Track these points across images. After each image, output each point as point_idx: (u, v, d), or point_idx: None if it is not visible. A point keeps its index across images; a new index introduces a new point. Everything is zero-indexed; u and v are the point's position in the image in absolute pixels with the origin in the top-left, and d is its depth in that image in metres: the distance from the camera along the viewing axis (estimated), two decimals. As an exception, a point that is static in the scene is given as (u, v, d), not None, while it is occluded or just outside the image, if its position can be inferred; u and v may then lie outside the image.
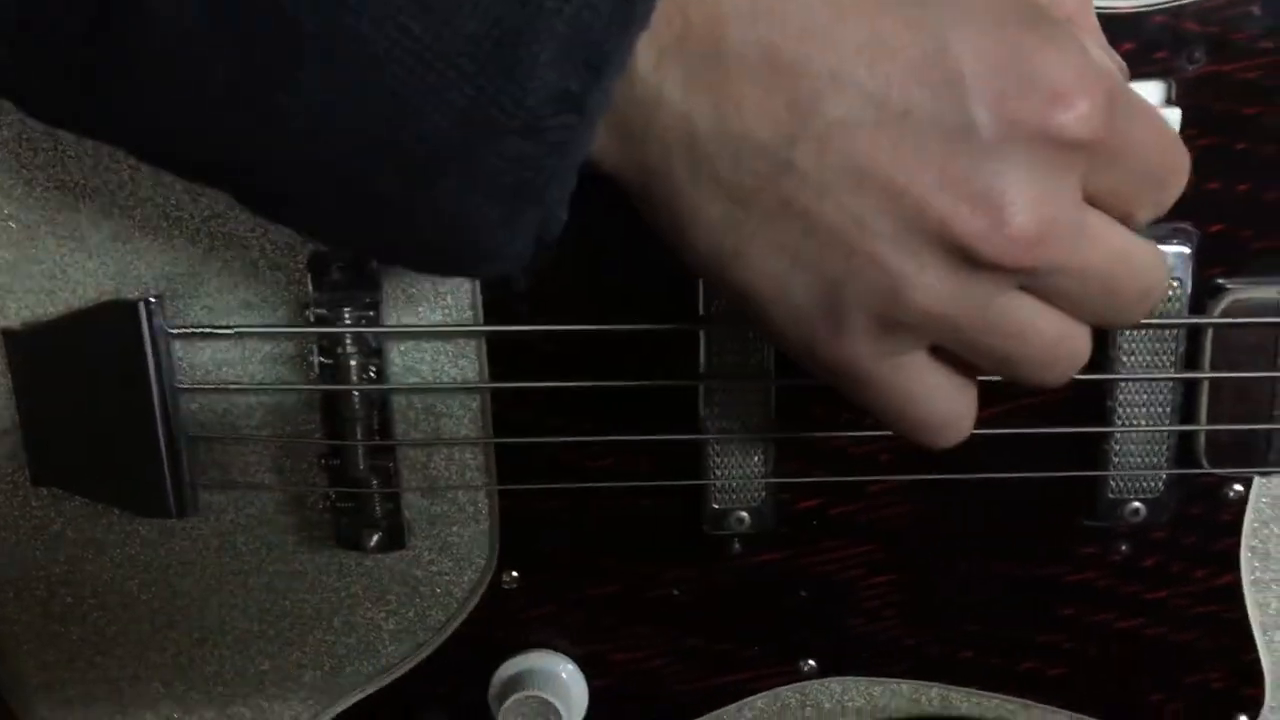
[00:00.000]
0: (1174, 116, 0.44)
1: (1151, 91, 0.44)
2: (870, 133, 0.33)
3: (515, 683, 0.50)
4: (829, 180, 0.33)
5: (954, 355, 0.36)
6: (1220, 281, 0.46)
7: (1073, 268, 0.35)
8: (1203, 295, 0.46)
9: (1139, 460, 0.47)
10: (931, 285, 0.34)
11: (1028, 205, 0.33)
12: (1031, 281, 0.35)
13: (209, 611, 0.52)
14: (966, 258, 0.33)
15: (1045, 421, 0.47)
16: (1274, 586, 0.50)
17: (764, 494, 0.48)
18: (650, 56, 0.33)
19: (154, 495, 0.48)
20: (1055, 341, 0.36)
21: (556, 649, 0.52)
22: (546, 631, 0.52)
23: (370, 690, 0.52)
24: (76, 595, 0.52)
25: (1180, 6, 0.44)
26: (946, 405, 0.37)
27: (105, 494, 0.49)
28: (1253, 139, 0.45)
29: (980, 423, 0.43)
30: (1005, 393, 0.46)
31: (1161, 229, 0.45)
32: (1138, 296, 0.36)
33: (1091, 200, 0.35)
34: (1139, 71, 0.44)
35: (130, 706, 0.53)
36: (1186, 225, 0.46)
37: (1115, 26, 0.43)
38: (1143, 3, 0.44)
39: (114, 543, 0.51)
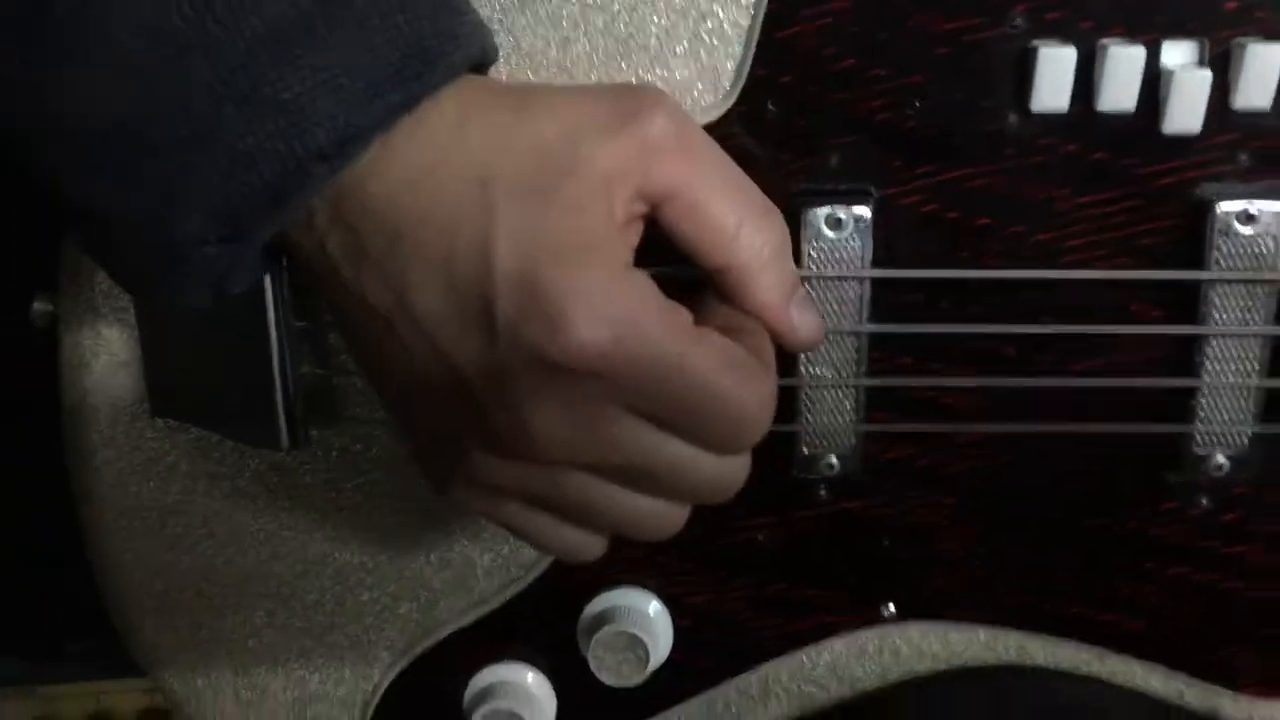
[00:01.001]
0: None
1: (1270, 46, 0.44)
2: (428, 331, 0.39)
3: (604, 618, 0.52)
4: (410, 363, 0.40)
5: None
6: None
7: (608, 468, 0.41)
8: (1297, 252, 0.47)
9: (1225, 415, 0.48)
10: (485, 466, 0.41)
11: (543, 418, 0.39)
12: (588, 468, 0.41)
13: (313, 545, 0.54)
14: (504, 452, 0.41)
15: (1134, 375, 0.49)
16: (1355, 545, 0.51)
17: (854, 441, 0.50)
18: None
19: (267, 428, 0.50)
20: (634, 514, 0.42)
21: (645, 587, 0.54)
22: (634, 569, 0.53)
23: (464, 623, 0.55)
24: (187, 525, 0.54)
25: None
26: (560, 540, 0.44)
27: (221, 426, 0.51)
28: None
29: (1066, 375, 0.46)
30: (1095, 347, 0.48)
31: (1258, 184, 0.46)
32: (693, 495, 0.43)
33: (650, 418, 0.40)
34: (1244, 30, 0.44)
35: (234, 634, 0.56)
36: (1280, 182, 0.47)
37: None
38: (1244, -38, 0.45)
39: (225, 474, 0.53)
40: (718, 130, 0.47)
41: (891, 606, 0.53)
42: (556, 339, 0.38)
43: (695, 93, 0.48)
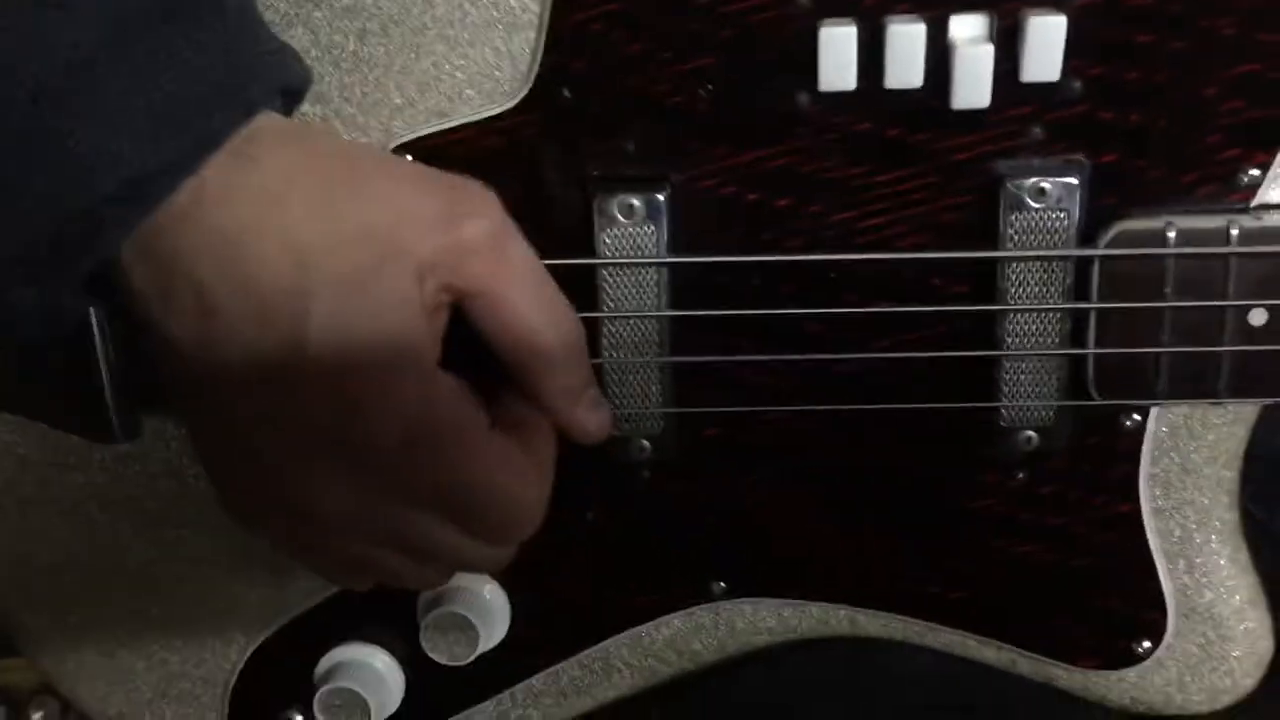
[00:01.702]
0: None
1: (1052, 18, 0.44)
2: (227, 396, 0.40)
3: (438, 600, 0.53)
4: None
5: None
6: (1109, 212, 0.45)
7: (391, 543, 0.43)
8: (1094, 225, 0.46)
9: (1029, 390, 0.48)
10: (280, 524, 0.44)
11: (332, 499, 0.41)
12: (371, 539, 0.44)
13: (164, 530, 0.55)
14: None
15: (937, 350, 0.48)
16: (1176, 515, 0.51)
17: (662, 423, 0.50)
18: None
19: (98, 421, 0.51)
20: (415, 576, 0.46)
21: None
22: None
23: (313, 603, 0.56)
24: (44, 516, 0.55)
25: (1068, -67, 0.44)
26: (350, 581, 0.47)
27: (54, 419, 0.53)
28: (1145, 67, 0.45)
29: (871, 349, 0.46)
30: (898, 323, 0.47)
31: (1054, 160, 0.45)
32: (463, 568, 0.47)
33: (430, 506, 0.43)
34: (1029, 1, 0.44)
35: (98, 619, 0.57)
36: (1079, 156, 0.46)
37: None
38: (1030, -67, 0.44)
39: (75, 465, 0.54)
40: (515, 116, 0.48)
41: (722, 583, 0.54)
42: (352, 433, 0.40)
43: (495, 78, 0.48)
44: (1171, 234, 0.44)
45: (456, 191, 0.42)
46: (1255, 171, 0.45)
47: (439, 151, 0.48)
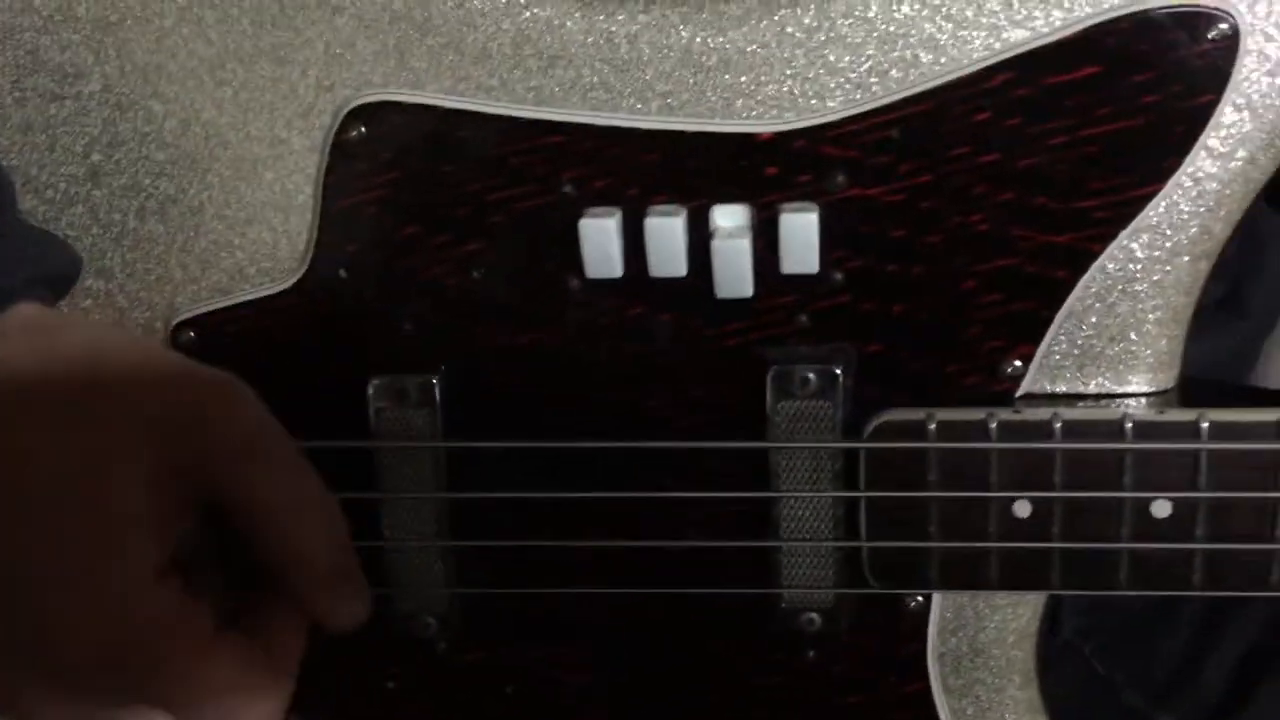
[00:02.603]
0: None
1: (804, 215, 0.44)
2: None
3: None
4: None
5: None
6: (876, 402, 0.45)
7: None
8: (861, 414, 0.46)
9: (807, 575, 0.47)
10: None
11: (45, 711, 0.39)
12: None
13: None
14: None
15: (724, 535, 0.48)
16: (968, 694, 0.50)
17: (450, 601, 0.49)
18: None
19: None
20: None
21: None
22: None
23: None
24: None
25: (818, 129, 0.44)
26: None
27: None
28: (903, 261, 0.45)
29: (654, 531, 0.46)
30: (680, 509, 0.47)
31: (822, 349, 0.45)
32: None
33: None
34: (788, 195, 0.44)
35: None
36: (845, 345, 0.46)
37: (760, 152, 0.44)
38: (782, 126, 0.44)
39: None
40: (294, 295, 0.48)
41: (525, 764, 0.53)
42: (49, 643, 0.38)
43: (274, 257, 0.48)
44: (932, 426, 0.44)
45: (207, 392, 0.42)
46: (1018, 363, 0.45)
47: (221, 328, 0.48)
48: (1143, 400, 0.46)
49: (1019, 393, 0.45)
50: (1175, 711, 0.63)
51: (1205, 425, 0.43)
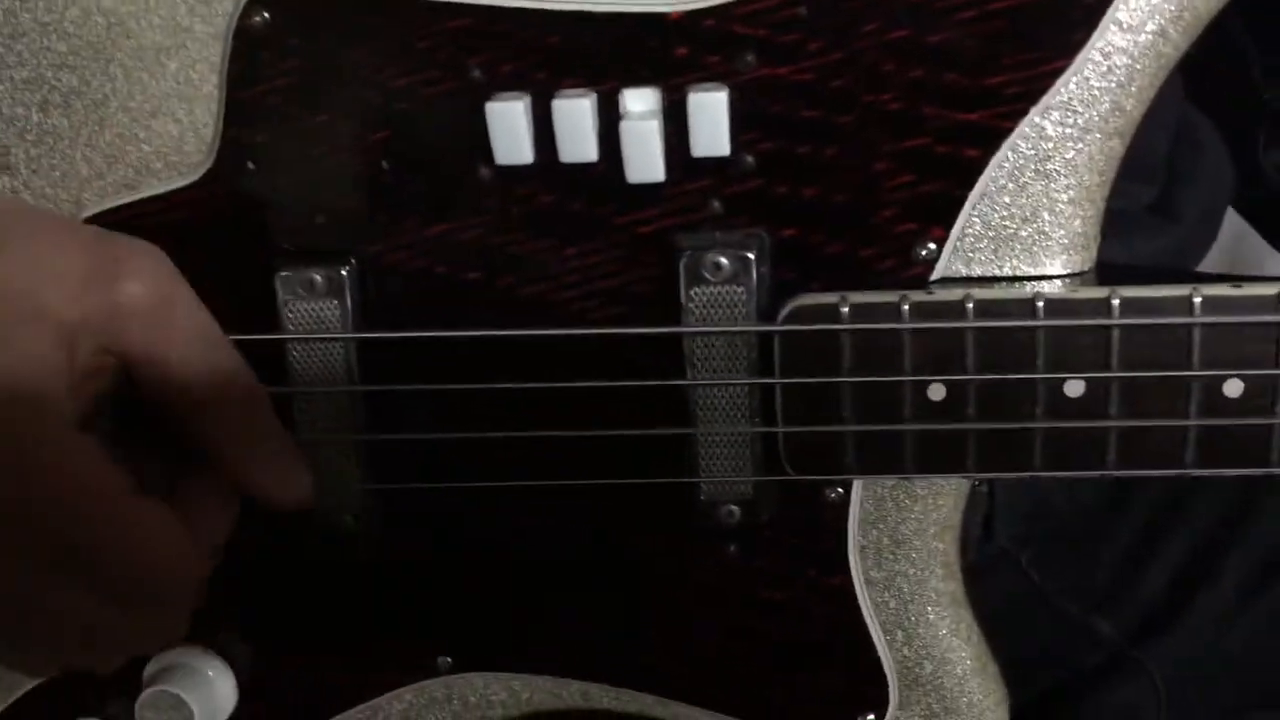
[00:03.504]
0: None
1: (713, 95, 0.43)
2: None
3: (157, 677, 0.52)
4: None
5: None
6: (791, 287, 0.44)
7: (41, 612, 0.41)
8: (777, 300, 0.45)
9: (725, 465, 0.47)
10: None
11: None
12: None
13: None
14: None
15: (639, 425, 0.48)
16: (889, 587, 0.50)
17: (364, 498, 0.49)
18: None
19: None
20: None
21: (205, 645, 0.53)
22: (196, 625, 0.53)
23: (39, 681, 0.55)
24: None
25: (727, 7, 0.43)
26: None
27: None
28: (815, 142, 0.44)
29: (573, 423, 0.45)
30: (594, 399, 0.46)
31: (736, 234, 0.45)
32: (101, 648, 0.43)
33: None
34: (698, 76, 0.43)
35: None
36: (759, 230, 0.45)
37: (669, 33, 0.43)
38: (691, 5, 0.43)
39: None
40: (201, 189, 0.47)
41: (448, 658, 0.53)
42: None
43: (181, 151, 0.47)
44: (845, 309, 0.44)
45: (115, 251, 0.42)
46: (932, 246, 0.44)
47: (129, 224, 0.47)
48: (1058, 283, 0.46)
49: (933, 276, 0.45)
50: (1112, 619, 0.64)
51: (1117, 302, 0.43)
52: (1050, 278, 0.45)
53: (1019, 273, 0.45)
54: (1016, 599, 0.63)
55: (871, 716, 0.51)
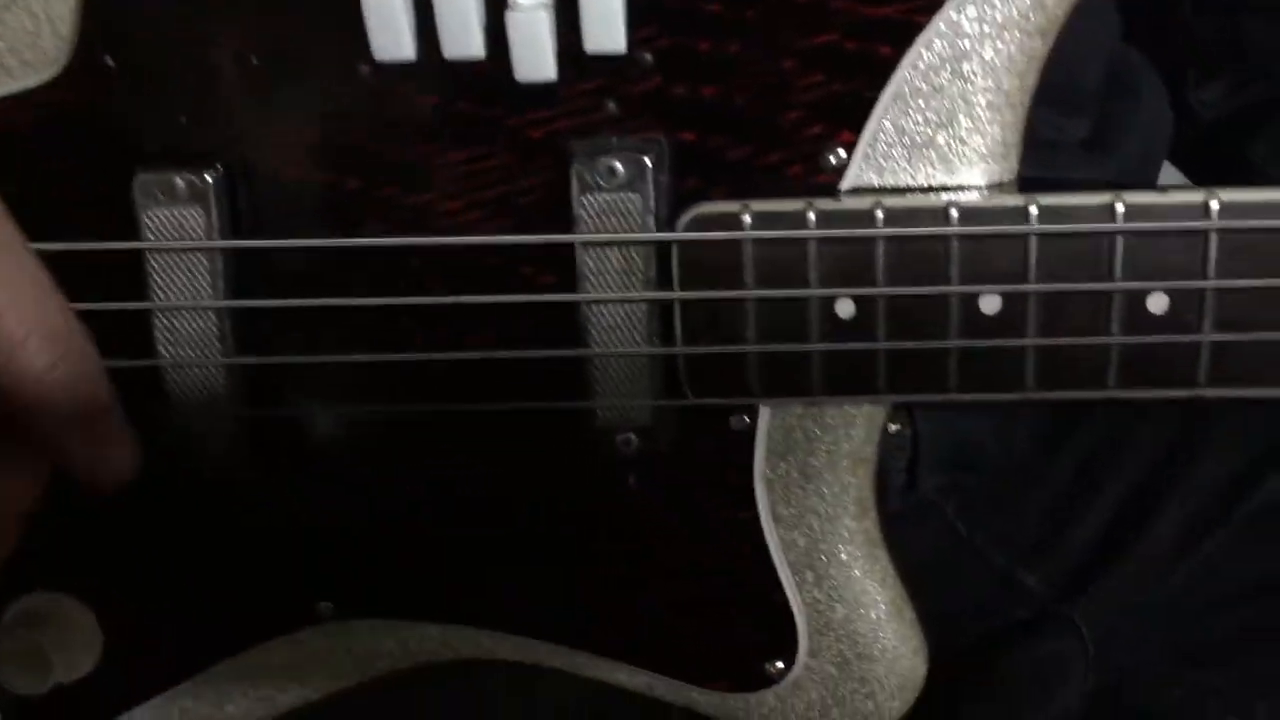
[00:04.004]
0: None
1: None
2: None
3: (13, 626, 0.49)
4: None
5: None
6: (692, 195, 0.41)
7: None
8: (676, 209, 0.42)
9: (620, 388, 0.44)
10: None
11: None
12: None
13: None
14: None
15: (531, 346, 0.45)
16: (799, 524, 0.47)
17: (234, 427, 0.45)
18: None
19: None
20: None
21: (69, 592, 0.50)
22: (55, 574, 0.49)
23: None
24: None
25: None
26: None
27: None
28: (717, 38, 0.41)
29: (465, 343, 0.42)
30: (486, 317, 0.43)
31: (633, 139, 0.42)
32: None
33: None
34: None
35: None
36: (656, 134, 0.42)
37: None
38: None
39: None
40: (58, 87, 0.43)
41: (328, 604, 0.49)
42: None
43: (36, 46, 0.43)
44: (747, 218, 0.41)
45: None
46: (842, 152, 0.41)
47: (-19, 125, 0.44)
48: (975, 193, 0.43)
49: (843, 186, 0.42)
50: (1039, 572, 0.62)
51: (1035, 210, 0.40)
52: (968, 188, 0.43)
53: (934, 183, 0.42)
54: (942, 551, 0.60)
55: (780, 663, 0.48)
